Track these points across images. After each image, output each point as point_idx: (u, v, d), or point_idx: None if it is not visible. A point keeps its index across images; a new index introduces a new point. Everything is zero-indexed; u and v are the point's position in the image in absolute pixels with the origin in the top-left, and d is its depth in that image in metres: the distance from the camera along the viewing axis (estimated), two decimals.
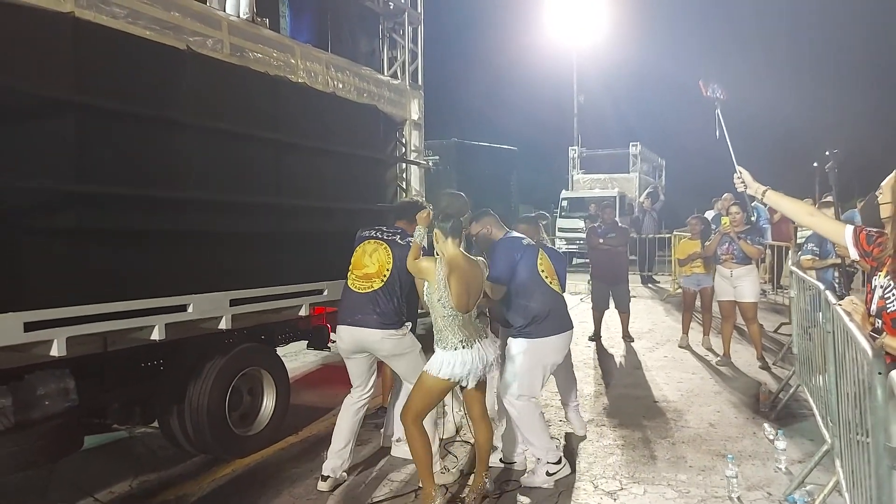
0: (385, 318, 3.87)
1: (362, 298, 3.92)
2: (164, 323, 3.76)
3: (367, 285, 3.93)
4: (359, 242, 4.12)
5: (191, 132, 3.96)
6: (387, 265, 3.94)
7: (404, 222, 4.19)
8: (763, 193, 2.78)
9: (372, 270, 3.95)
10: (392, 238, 4.04)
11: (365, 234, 4.14)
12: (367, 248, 4.04)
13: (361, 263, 4.01)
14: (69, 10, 3.28)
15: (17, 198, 3.13)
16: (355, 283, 3.99)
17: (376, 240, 4.06)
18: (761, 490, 3.80)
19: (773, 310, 10.12)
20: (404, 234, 4.07)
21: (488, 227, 4.21)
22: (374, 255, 3.98)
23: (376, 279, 3.92)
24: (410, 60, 6.67)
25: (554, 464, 3.93)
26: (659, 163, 27.22)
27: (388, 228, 4.15)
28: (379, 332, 3.87)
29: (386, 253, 3.97)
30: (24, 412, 3.38)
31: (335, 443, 4.01)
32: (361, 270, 3.99)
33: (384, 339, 3.88)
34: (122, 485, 4.09)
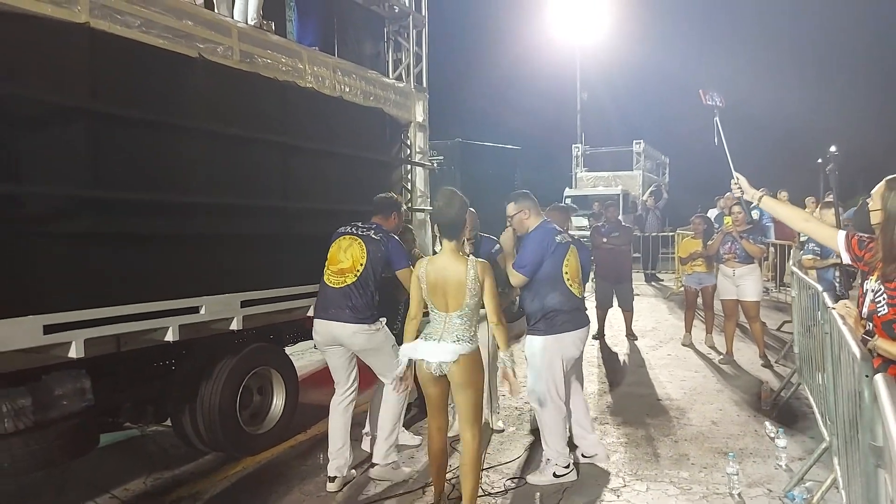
0: (358, 313, 3.92)
1: (336, 293, 3.97)
2: (178, 324, 3.86)
3: (341, 280, 3.98)
4: (335, 238, 4.16)
5: (202, 138, 4.05)
6: (360, 260, 3.98)
7: (380, 217, 4.25)
8: (759, 199, 2.85)
9: (346, 265, 4.00)
10: (367, 234, 4.08)
11: (341, 230, 4.18)
12: (342, 244, 4.08)
13: (336, 259, 4.05)
14: (84, 21, 3.36)
15: (36, 204, 3.23)
16: (330, 279, 4.04)
17: (351, 235, 4.09)
18: (762, 487, 3.88)
19: (776, 308, 10.18)
20: (379, 229, 4.12)
21: (526, 210, 4.12)
22: (349, 251, 4.03)
23: (350, 274, 3.97)
24: (415, 63, 6.75)
25: (562, 467, 4.01)
26: (663, 160, 27.24)
27: (364, 224, 4.19)
28: (351, 326, 3.92)
29: (360, 248, 4.02)
30: (42, 412, 3.48)
31: (332, 444, 4.08)
32: (336, 266, 4.03)
33: (356, 334, 3.94)
34: (136, 482, 4.19)
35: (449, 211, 3.40)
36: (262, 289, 4.49)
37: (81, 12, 3.36)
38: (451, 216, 3.39)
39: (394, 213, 4.33)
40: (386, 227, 4.20)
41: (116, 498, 3.95)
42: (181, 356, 4.45)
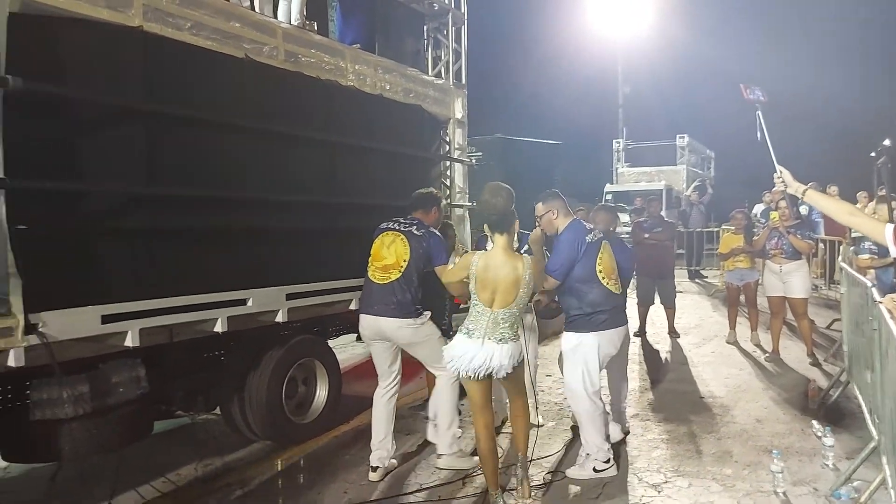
0: (403, 308, 3.99)
1: (381, 289, 4.05)
2: (227, 316, 4.00)
3: (386, 276, 4.05)
4: (377, 234, 4.22)
5: (249, 136, 4.19)
6: (404, 256, 4.04)
7: (420, 212, 4.30)
8: (803, 192, 2.80)
9: (390, 262, 4.06)
10: (409, 229, 4.13)
11: (383, 226, 4.24)
12: (385, 240, 4.14)
13: (380, 255, 4.12)
14: (138, 25, 3.52)
15: (95, 201, 3.41)
16: (375, 274, 4.11)
17: (394, 231, 4.15)
18: (807, 486, 3.81)
19: (826, 305, 9.89)
20: (420, 225, 4.18)
21: (554, 210, 4.05)
22: (392, 247, 4.09)
23: (394, 270, 4.04)
24: (454, 60, 6.80)
25: (602, 462, 4.01)
26: (708, 154, 26.68)
27: (405, 220, 4.24)
28: (396, 321, 4.00)
29: (403, 244, 4.07)
30: (100, 398, 3.65)
31: (375, 435, 4.17)
32: (380, 262, 4.10)
33: (402, 328, 4.02)
34: (188, 468, 4.36)
35: (496, 203, 3.43)
36: (306, 282, 4.61)
37: (135, 16, 3.51)
38: (499, 209, 3.41)
39: (434, 208, 4.38)
40: (426, 221, 4.25)
41: (170, 482, 4.13)
42: (230, 347, 4.61)
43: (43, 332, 3.08)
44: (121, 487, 3.97)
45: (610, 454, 4.07)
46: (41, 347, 3.09)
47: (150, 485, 4.05)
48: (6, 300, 2.96)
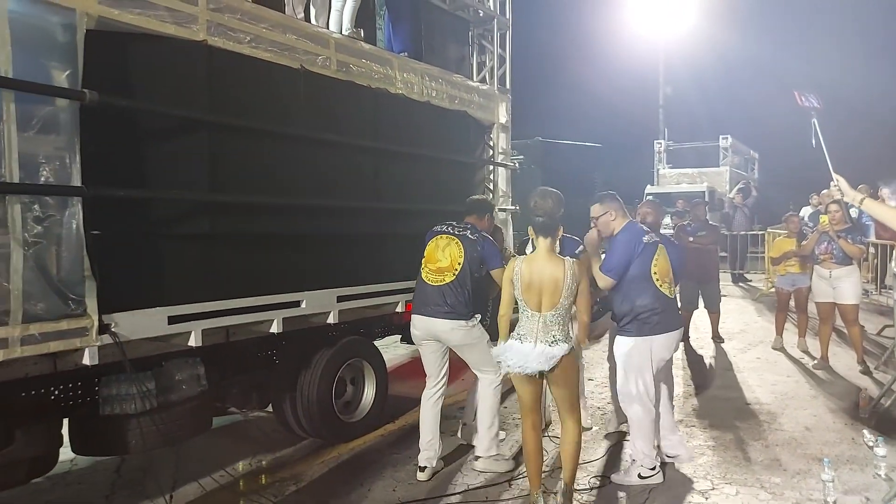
0: (455, 310, 4.10)
1: (435, 291, 4.16)
2: (282, 317, 4.16)
3: (440, 278, 4.16)
4: (431, 237, 4.34)
5: (304, 144, 4.34)
6: (458, 259, 4.15)
7: (474, 217, 4.41)
8: (861, 201, 2.80)
9: (444, 264, 4.17)
10: (463, 233, 4.24)
11: (437, 229, 4.35)
12: (439, 243, 4.25)
13: (434, 258, 4.23)
14: (203, 39, 3.69)
15: (162, 207, 3.60)
16: (429, 276, 4.23)
17: (448, 235, 4.26)
18: (859, 495, 3.77)
19: (878, 311, 9.63)
20: (474, 230, 4.28)
21: (612, 212, 4.08)
22: (447, 250, 4.20)
23: (448, 273, 4.15)
24: (499, 65, 6.86)
25: (648, 469, 4.02)
26: (752, 156, 26.09)
27: (459, 224, 4.34)
28: (449, 322, 4.10)
29: (458, 248, 4.18)
30: (165, 394, 3.85)
31: (423, 436, 4.27)
32: (435, 264, 4.21)
33: (454, 330, 4.12)
34: (242, 463, 4.54)
35: (544, 206, 3.51)
36: (355, 285, 4.74)
37: (200, 31, 3.68)
38: (547, 212, 3.49)
39: (487, 215, 4.51)
40: (479, 227, 4.36)
41: (227, 475, 4.30)
42: (282, 347, 4.77)
43: (115, 331, 3.26)
44: (181, 479, 4.17)
45: (657, 462, 4.08)
46: (113, 346, 3.27)
47: (210, 478, 4.22)
48: (82, 301, 3.15)
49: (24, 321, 2.92)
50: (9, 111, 2.87)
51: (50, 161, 3.02)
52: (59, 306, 3.06)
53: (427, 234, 4.39)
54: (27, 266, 2.93)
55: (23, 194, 2.92)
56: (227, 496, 4.04)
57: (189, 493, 4.05)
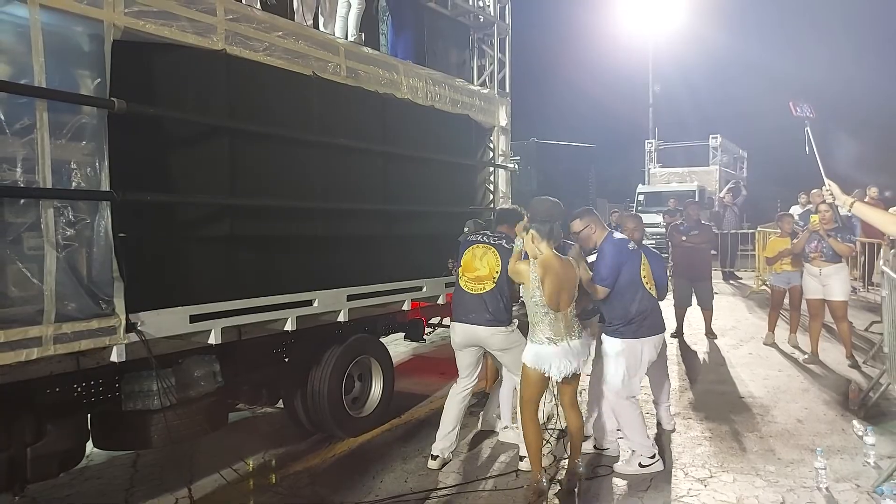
0: (496, 317, 4.24)
1: (475, 299, 4.29)
2: (296, 315, 4.30)
3: (480, 287, 4.29)
4: (467, 247, 4.47)
5: (315, 148, 4.48)
6: (496, 268, 4.29)
7: (506, 227, 4.55)
8: (851, 205, 2.97)
9: (483, 273, 4.31)
10: (499, 242, 4.39)
11: (472, 238, 4.50)
12: (476, 252, 4.39)
13: (472, 266, 4.36)
14: (221, 48, 3.82)
15: (185, 211, 3.73)
16: (468, 285, 4.35)
17: (485, 244, 4.40)
18: (849, 482, 3.96)
19: (866, 308, 9.88)
20: (509, 239, 4.42)
21: (591, 225, 4.25)
22: (484, 259, 4.34)
23: (487, 281, 4.29)
24: (499, 69, 7.03)
25: (648, 458, 4.20)
26: (741, 155, 26.42)
27: (493, 233, 4.50)
28: (491, 328, 4.25)
29: (495, 257, 4.32)
30: (184, 391, 3.98)
31: (443, 426, 4.43)
32: (473, 273, 4.34)
33: (495, 335, 4.26)
34: (255, 457, 4.66)
35: (550, 214, 3.72)
36: (364, 284, 4.89)
37: (218, 40, 3.82)
38: (552, 219, 3.73)
39: (518, 223, 4.61)
40: (511, 235, 4.47)
41: (243, 468, 4.43)
42: (291, 345, 4.91)
43: (141, 330, 3.39)
44: (198, 473, 4.30)
45: (655, 450, 4.27)
46: (138, 344, 3.40)
47: (225, 471, 4.34)
48: (111, 301, 3.28)
49: (56, 320, 3.05)
50: (42, 119, 2.99)
51: (80, 167, 3.15)
52: (90, 306, 3.18)
53: (462, 245, 4.52)
54: (60, 268, 3.06)
55: (55, 199, 3.05)
56: (243, 489, 4.18)
57: (207, 486, 4.18)
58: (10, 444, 3.23)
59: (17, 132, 2.90)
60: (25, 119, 2.92)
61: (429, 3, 6.33)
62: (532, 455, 3.85)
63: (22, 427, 3.29)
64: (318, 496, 4.04)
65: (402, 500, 3.94)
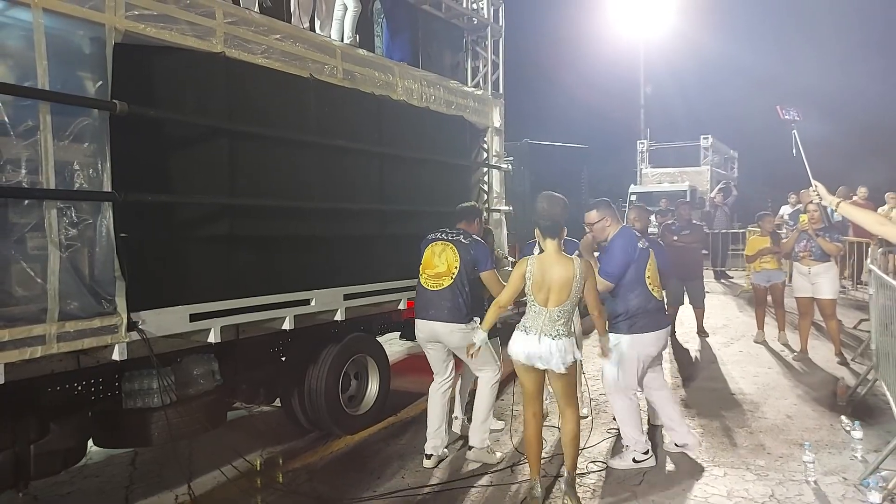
0: (454, 313, 4.31)
1: (434, 295, 4.36)
2: (294, 314, 4.35)
3: (438, 283, 4.36)
4: (426, 245, 4.52)
5: (313, 149, 4.54)
6: (454, 264, 4.36)
7: (465, 223, 4.62)
8: (837, 205, 3.06)
9: (442, 269, 4.37)
10: (457, 238, 4.45)
11: (431, 236, 4.54)
12: (435, 250, 4.45)
13: (432, 264, 4.43)
14: (220, 51, 3.88)
15: (186, 211, 3.78)
16: (427, 282, 4.43)
17: (443, 241, 4.46)
18: (837, 475, 4.06)
19: (854, 306, 10.02)
20: (466, 234, 4.48)
21: (607, 218, 4.28)
22: (443, 255, 4.41)
23: (446, 277, 4.35)
24: (492, 71, 7.10)
25: (641, 453, 4.28)
26: (731, 155, 26.61)
27: (451, 230, 4.55)
28: (449, 325, 4.31)
29: (453, 253, 4.39)
30: (184, 389, 4.03)
31: (430, 425, 4.51)
32: (432, 270, 4.41)
33: (453, 332, 4.32)
34: (253, 455, 4.71)
35: (552, 211, 3.73)
36: (361, 284, 4.95)
37: (217, 43, 3.87)
38: (554, 216, 3.73)
39: (476, 220, 4.71)
40: (470, 231, 4.57)
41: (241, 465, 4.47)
42: (288, 344, 4.96)
43: (142, 328, 3.44)
44: (197, 471, 4.34)
45: (648, 446, 4.34)
46: (139, 342, 3.45)
47: (223, 469, 4.39)
48: (113, 300, 3.33)
49: (59, 319, 3.10)
50: (45, 122, 3.04)
51: (83, 168, 3.20)
52: (92, 305, 3.24)
53: (422, 243, 4.57)
54: (63, 267, 3.11)
55: (58, 200, 3.10)
56: (242, 486, 4.22)
57: (206, 484, 4.22)
58: (14, 442, 3.27)
59: (22, 134, 2.95)
60: (29, 121, 2.97)
61: (423, 6, 6.40)
62: (530, 458, 3.83)
63: (25, 424, 3.33)
64: (316, 492, 4.09)
65: (399, 495, 4.00)
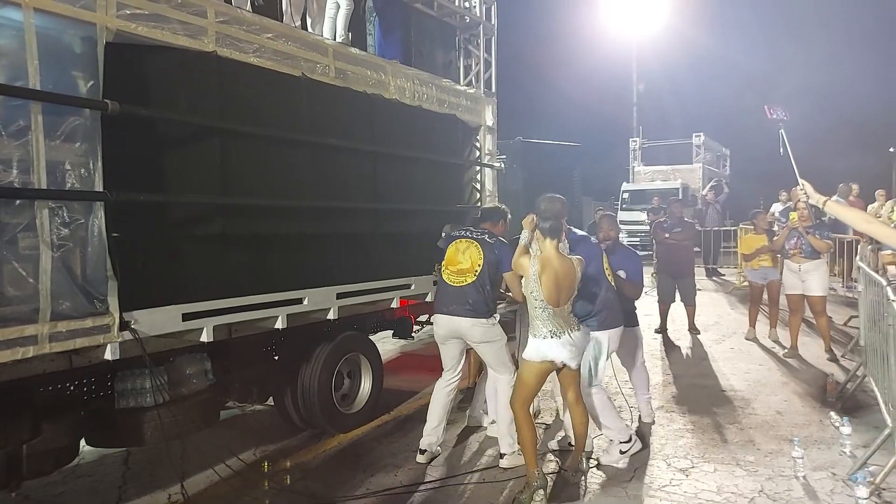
0: (476, 309, 4.36)
1: (457, 291, 4.41)
2: (286, 313, 4.36)
3: (461, 279, 4.42)
4: (450, 241, 4.60)
5: (305, 148, 4.54)
6: (478, 262, 4.41)
7: (489, 224, 4.70)
8: (824, 204, 3.09)
9: (465, 266, 4.44)
10: (482, 237, 4.52)
11: (455, 234, 4.63)
12: (459, 247, 4.52)
13: (455, 260, 4.49)
14: (212, 50, 3.87)
15: (178, 211, 3.78)
16: (450, 278, 4.48)
17: (468, 239, 4.53)
18: (826, 471, 4.10)
19: (845, 303, 10.10)
20: (491, 234, 4.55)
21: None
22: (467, 253, 4.47)
23: (469, 274, 4.41)
24: (484, 69, 7.12)
25: (625, 442, 4.32)
26: (723, 152, 26.74)
27: (476, 229, 4.63)
28: (471, 320, 4.36)
29: (477, 251, 4.45)
30: (177, 388, 4.03)
31: (430, 421, 4.53)
32: (456, 266, 4.48)
33: (475, 327, 4.37)
34: (247, 454, 4.71)
35: (552, 211, 3.82)
36: (354, 282, 4.96)
37: (209, 42, 3.87)
38: (555, 217, 3.81)
39: (501, 221, 4.79)
40: (495, 232, 4.62)
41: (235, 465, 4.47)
42: (281, 343, 4.97)
43: (135, 328, 3.44)
44: (190, 470, 4.34)
45: (630, 431, 4.40)
46: (132, 342, 3.45)
47: (216, 468, 4.39)
48: (105, 300, 3.32)
49: (52, 319, 3.09)
50: (36, 121, 3.03)
51: (74, 168, 3.19)
52: (84, 305, 3.23)
53: (446, 240, 4.65)
54: (55, 267, 3.10)
55: (50, 200, 3.09)
56: (235, 485, 4.22)
57: (199, 483, 4.23)
58: (6, 442, 3.26)
59: (13, 134, 2.94)
60: (21, 121, 2.96)
61: (415, 4, 6.40)
62: (527, 452, 3.86)
63: (18, 424, 3.33)
64: (309, 491, 4.10)
65: (391, 493, 4.02)
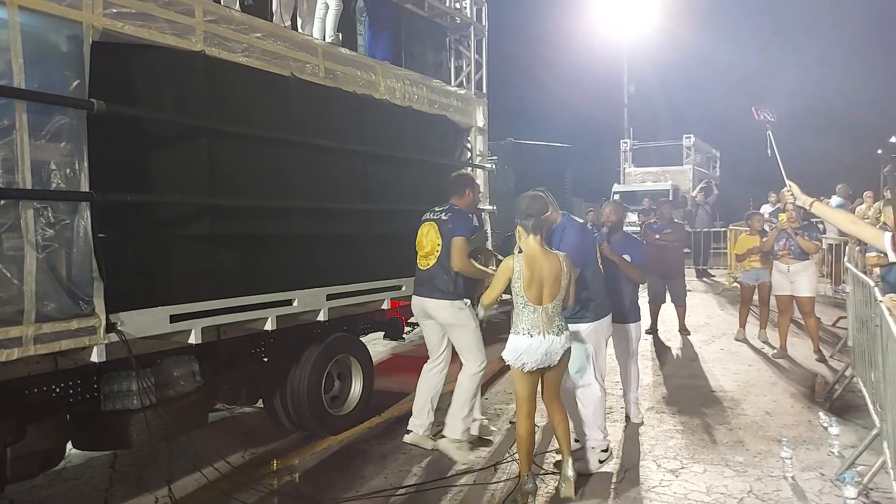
0: (440, 289, 4.45)
1: (424, 274, 4.57)
2: (276, 315, 4.33)
3: (427, 262, 4.54)
4: (419, 226, 4.67)
5: (294, 149, 4.52)
6: (437, 242, 4.48)
7: (455, 198, 4.69)
8: (810, 205, 3.10)
9: (428, 249, 4.54)
10: (439, 216, 4.55)
11: (423, 217, 4.68)
12: (423, 230, 4.61)
13: (421, 244, 4.60)
14: (200, 49, 3.85)
15: (165, 211, 3.74)
16: (419, 262, 4.63)
17: (429, 222, 4.59)
18: (814, 471, 4.12)
19: (833, 304, 10.17)
20: (450, 209, 4.56)
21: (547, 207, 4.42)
22: (429, 236, 4.55)
23: (431, 256, 4.51)
24: (475, 70, 7.12)
25: (602, 451, 4.26)
26: (713, 154, 26.92)
27: (440, 207, 4.64)
28: (435, 301, 4.47)
29: (435, 232, 4.51)
30: (164, 390, 3.99)
31: (416, 403, 4.65)
32: (422, 250, 4.60)
33: (440, 308, 4.47)
34: (235, 456, 4.67)
35: (534, 208, 3.83)
36: (344, 283, 4.94)
37: (197, 42, 3.84)
38: (537, 214, 3.82)
39: (467, 190, 4.71)
40: (462, 205, 4.62)
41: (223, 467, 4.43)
42: (270, 344, 4.94)
43: (121, 329, 3.40)
44: (177, 473, 4.30)
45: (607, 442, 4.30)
46: (118, 344, 3.42)
47: (205, 471, 4.35)
48: (91, 301, 3.29)
49: (36, 321, 3.05)
50: (21, 121, 3.00)
51: (60, 168, 3.16)
52: (70, 306, 3.19)
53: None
54: (39, 268, 3.07)
55: (35, 200, 3.06)
56: (224, 487, 4.18)
57: (187, 486, 4.18)
58: None
59: None
60: (5, 120, 2.93)
61: (406, 5, 6.40)
62: (522, 454, 3.83)
63: (2, 427, 3.28)
64: (299, 493, 4.07)
65: (382, 495, 4.00)
